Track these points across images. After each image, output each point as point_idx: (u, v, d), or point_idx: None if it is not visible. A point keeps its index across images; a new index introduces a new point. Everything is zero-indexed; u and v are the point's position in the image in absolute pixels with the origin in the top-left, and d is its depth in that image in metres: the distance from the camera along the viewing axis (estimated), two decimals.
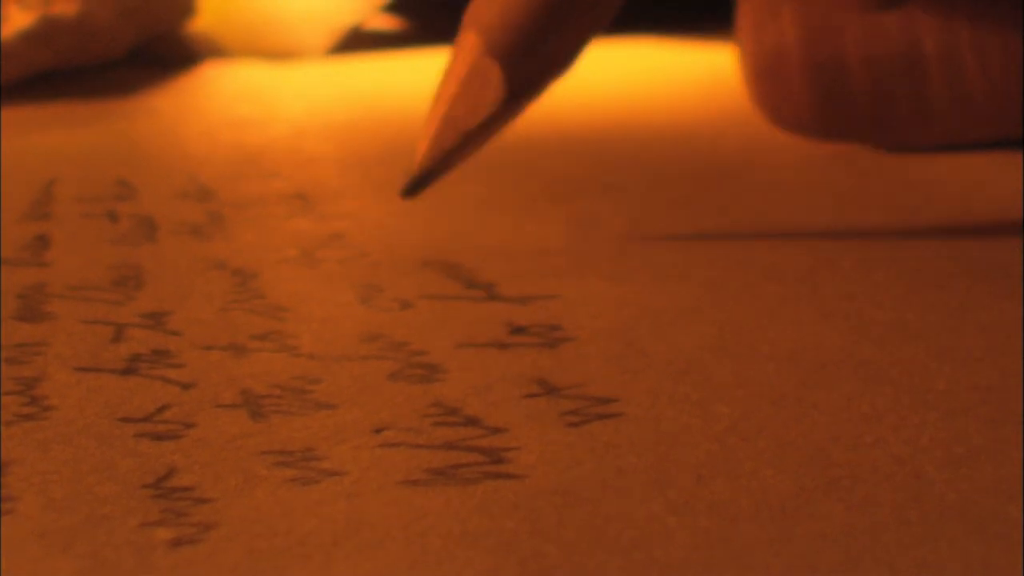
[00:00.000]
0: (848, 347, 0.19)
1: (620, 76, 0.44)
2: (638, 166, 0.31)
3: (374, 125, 0.37)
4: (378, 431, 0.17)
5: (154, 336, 0.20)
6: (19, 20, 0.45)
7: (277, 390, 0.18)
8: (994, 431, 0.16)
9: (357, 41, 0.54)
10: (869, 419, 0.17)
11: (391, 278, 0.23)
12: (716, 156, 0.32)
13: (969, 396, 0.17)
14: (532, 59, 0.23)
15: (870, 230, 0.25)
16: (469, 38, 0.23)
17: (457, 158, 0.23)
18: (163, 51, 0.53)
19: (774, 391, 0.18)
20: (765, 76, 0.30)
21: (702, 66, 0.41)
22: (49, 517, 0.14)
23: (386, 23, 0.59)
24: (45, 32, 0.45)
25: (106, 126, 0.38)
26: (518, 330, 0.20)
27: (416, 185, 0.23)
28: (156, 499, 0.15)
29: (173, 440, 0.17)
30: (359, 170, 0.31)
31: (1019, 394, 0.17)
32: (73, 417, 0.17)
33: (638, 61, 0.47)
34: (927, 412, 0.17)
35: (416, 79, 0.42)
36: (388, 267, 0.23)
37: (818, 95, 0.29)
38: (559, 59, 0.23)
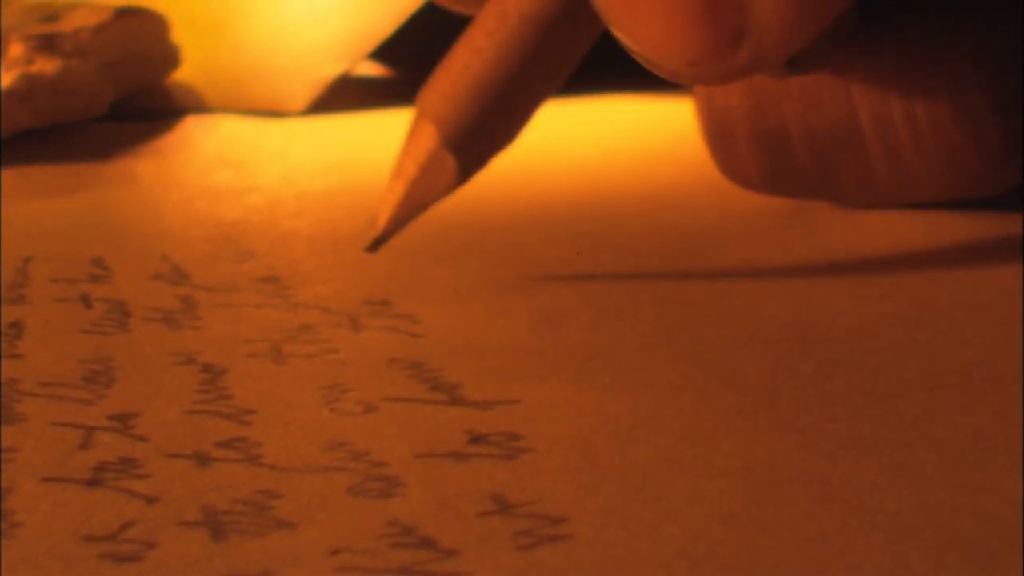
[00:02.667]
0: (801, 463, 0.19)
1: (592, 139, 0.45)
2: (608, 245, 0.31)
3: (350, 194, 0.38)
4: (335, 553, 0.17)
5: (121, 442, 0.21)
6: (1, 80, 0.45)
7: (239, 505, 0.18)
8: (937, 556, 0.17)
9: (342, 90, 0.54)
10: (816, 542, 0.17)
11: (357, 377, 0.23)
12: (687, 227, 0.32)
13: (916, 517, 0.18)
14: (484, 144, 0.26)
15: (834, 321, 0.25)
16: (425, 128, 0.26)
17: (412, 220, 0.26)
18: (145, 104, 0.53)
19: (725, 510, 0.18)
20: (716, 138, 0.32)
21: (674, 123, 0.41)
22: None
23: (372, 71, 0.60)
24: (26, 91, 0.45)
25: (84, 194, 0.38)
26: (477, 439, 0.20)
27: (377, 244, 0.27)
28: None
29: (135, 562, 0.17)
30: (332, 249, 0.31)
31: (966, 514, 0.18)
32: (40, 535, 0.18)
33: (610, 121, 0.47)
34: (874, 534, 0.17)
35: (396, 140, 0.42)
36: (354, 365, 0.24)
37: (764, 160, 0.31)
38: (509, 137, 0.26)
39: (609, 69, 0.32)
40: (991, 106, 0.28)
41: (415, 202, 0.26)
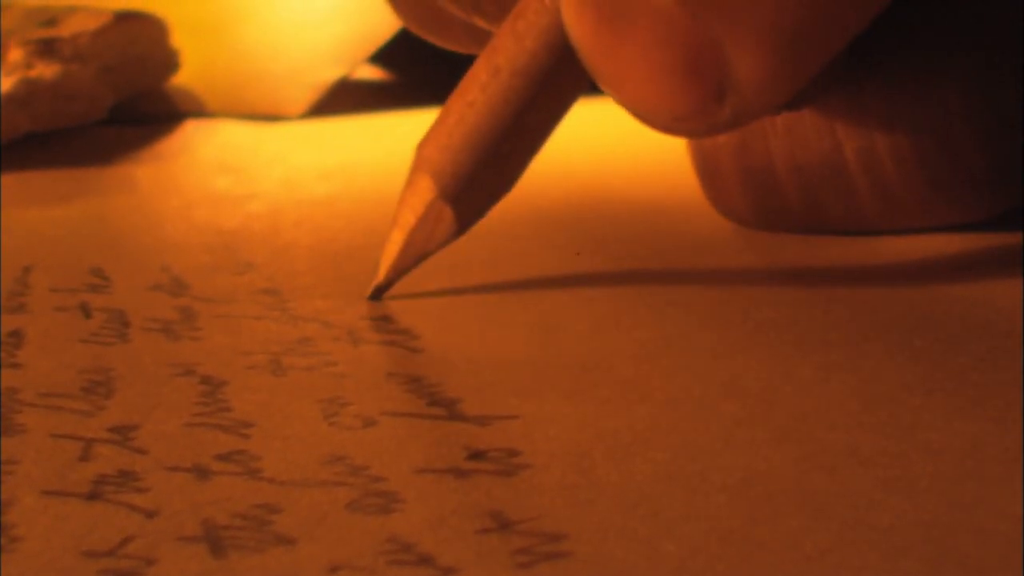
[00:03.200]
0: (798, 476, 0.19)
1: (596, 139, 0.45)
2: (608, 250, 0.31)
3: (350, 202, 0.38)
4: (334, 570, 0.17)
5: (120, 454, 0.21)
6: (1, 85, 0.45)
7: (238, 520, 0.18)
8: (934, 573, 0.17)
9: (342, 94, 0.54)
10: (812, 559, 0.17)
11: (356, 391, 0.23)
12: (686, 232, 0.32)
13: (913, 533, 0.18)
14: (480, 194, 0.26)
15: (831, 327, 0.25)
16: (423, 180, 0.26)
17: (413, 268, 0.27)
18: (145, 108, 0.53)
19: (722, 526, 0.18)
20: (706, 176, 0.32)
21: None
22: None
23: (371, 74, 0.60)
24: (25, 96, 0.45)
25: (84, 201, 0.38)
26: (476, 455, 0.20)
27: (379, 292, 0.28)
28: None
29: None
30: (332, 262, 0.31)
31: (962, 530, 0.18)
32: (39, 550, 0.18)
33: (609, 125, 0.47)
34: (869, 552, 0.17)
35: (395, 145, 0.43)
36: (353, 378, 0.24)
37: (753, 197, 0.31)
38: (504, 187, 0.27)
39: None
40: (976, 135, 0.28)
41: (414, 251, 0.27)
